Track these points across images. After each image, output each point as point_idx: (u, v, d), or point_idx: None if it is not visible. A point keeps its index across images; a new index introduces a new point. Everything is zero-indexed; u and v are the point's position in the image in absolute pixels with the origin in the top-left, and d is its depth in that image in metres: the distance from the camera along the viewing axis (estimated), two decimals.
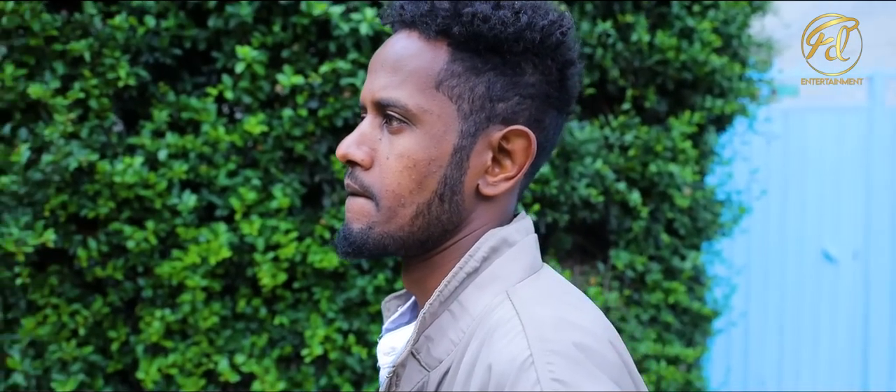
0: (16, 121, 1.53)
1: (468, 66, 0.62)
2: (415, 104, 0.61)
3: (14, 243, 1.43)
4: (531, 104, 0.64)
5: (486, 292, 0.62)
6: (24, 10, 1.46)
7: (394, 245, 0.63)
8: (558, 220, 2.15)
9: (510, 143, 0.64)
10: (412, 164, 0.61)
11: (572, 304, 0.61)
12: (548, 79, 0.64)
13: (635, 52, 2.17)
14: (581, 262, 2.44)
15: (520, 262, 0.63)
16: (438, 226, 0.63)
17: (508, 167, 0.64)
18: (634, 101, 2.27)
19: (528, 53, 0.63)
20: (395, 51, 0.63)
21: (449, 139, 0.62)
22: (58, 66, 1.51)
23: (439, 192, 0.62)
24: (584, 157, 2.06)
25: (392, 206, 0.62)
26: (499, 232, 0.64)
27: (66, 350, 1.55)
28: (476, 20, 0.61)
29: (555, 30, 0.64)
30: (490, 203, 0.65)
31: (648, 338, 2.27)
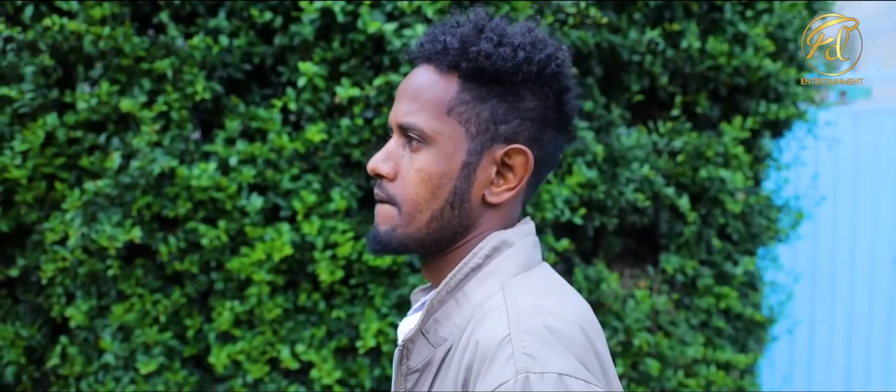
0: (109, 131, 1.73)
1: (475, 95, 0.74)
2: (430, 128, 0.74)
3: (107, 239, 1.62)
4: (530, 126, 0.75)
5: (485, 284, 0.73)
6: (118, 34, 1.65)
7: (413, 244, 0.75)
8: (607, 223, 2.21)
9: (512, 159, 0.75)
10: (428, 177, 0.74)
11: (554, 295, 0.72)
12: (545, 104, 0.76)
13: (685, 59, 2.19)
14: (632, 266, 2.47)
15: (516, 260, 0.75)
16: (450, 228, 0.75)
17: (510, 179, 0.75)
18: (685, 106, 2.29)
19: (527, 83, 0.74)
20: (415, 82, 0.76)
21: (458, 156, 0.74)
22: (145, 82, 1.70)
23: (450, 201, 0.74)
24: (631, 162, 2.11)
25: (411, 212, 0.74)
26: (500, 234, 0.76)
27: (148, 335, 1.74)
28: (480, 57, 0.73)
29: (550, 62, 0.75)
30: (495, 210, 0.76)
31: (697, 342, 2.29)
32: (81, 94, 1.66)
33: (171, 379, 1.77)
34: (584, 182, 2.04)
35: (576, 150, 2.10)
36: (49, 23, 1.61)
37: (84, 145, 1.71)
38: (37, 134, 1.65)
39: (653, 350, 2.24)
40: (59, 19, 1.62)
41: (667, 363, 2.26)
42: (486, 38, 0.73)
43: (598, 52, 2.11)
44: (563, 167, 2.11)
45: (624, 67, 2.16)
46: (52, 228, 1.66)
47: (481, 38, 0.73)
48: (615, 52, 2.11)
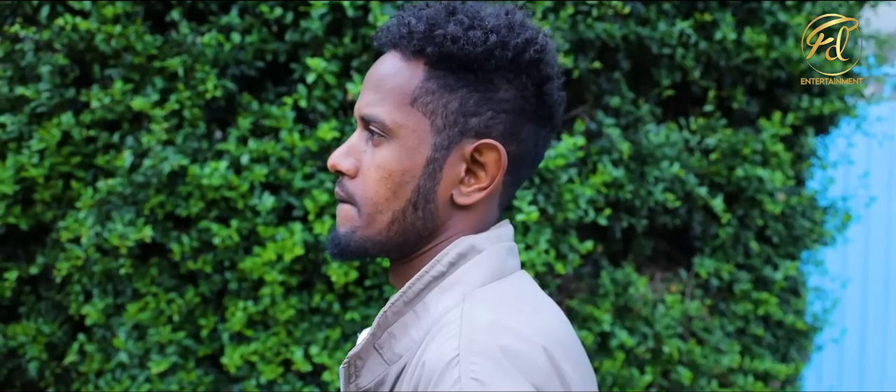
0: (124, 130, 1.73)
1: (442, 84, 0.67)
2: (391, 120, 0.67)
3: (118, 238, 1.62)
4: (506, 118, 0.67)
5: (448, 295, 0.66)
6: (129, 32, 1.65)
7: (374, 248, 0.69)
8: (635, 225, 2.11)
9: (483, 155, 0.67)
10: (388, 174, 0.67)
11: (520, 309, 0.64)
12: (523, 94, 0.68)
13: (720, 51, 2.08)
14: (664, 269, 2.36)
15: (484, 268, 0.67)
16: (414, 231, 0.68)
17: (482, 178, 0.68)
18: (719, 102, 2.17)
19: (501, 70, 0.66)
20: (379, 70, 0.69)
21: (422, 152, 0.67)
22: (157, 80, 1.69)
23: (413, 201, 0.67)
24: (660, 160, 2.00)
25: (371, 213, 0.68)
26: (468, 239, 0.68)
27: (162, 334, 1.73)
28: (447, 41, 0.65)
29: (528, 48, 0.67)
30: (466, 211, 0.69)
31: (733, 350, 2.17)
32: (95, 93, 1.66)
33: (185, 378, 1.76)
34: (609, 181, 1.95)
35: (602, 148, 2.01)
36: (62, 22, 1.62)
37: (99, 144, 1.72)
38: (53, 133, 1.66)
39: (685, 358, 2.13)
40: (72, 18, 1.63)
41: (700, 372, 2.14)
42: (455, 21, 0.66)
43: (625, 46, 2.01)
44: (587, 165, 2.02)
45: (653, 61, 2.06)
46: (67, 227, 1.67)
47: (450, 21, 0.66)
48: (643, 45, 2.01)
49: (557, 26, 1.82)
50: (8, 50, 1.72)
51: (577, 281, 2.20)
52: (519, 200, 1.79)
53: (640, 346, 2.08)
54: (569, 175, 1.91)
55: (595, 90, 2.06)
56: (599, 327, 2.01)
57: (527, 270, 1.88)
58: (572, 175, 1.92)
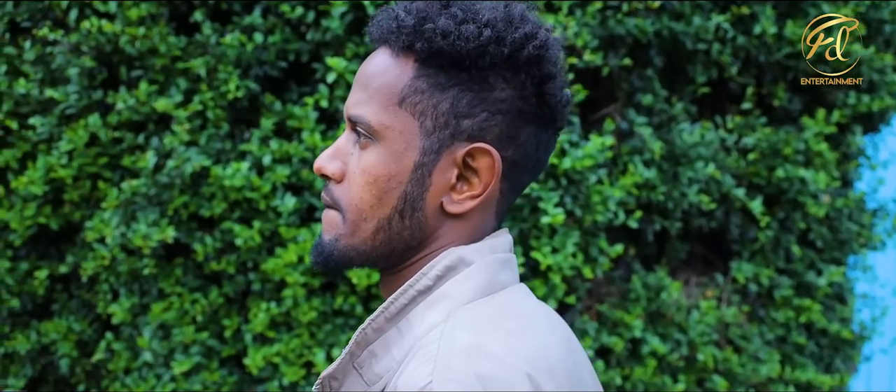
0: (149, 131, 1.75)
1: (432, 83, 0.62)
2: (377, 121, 0.62)
3: (141, 238, 1.63)
4: (502, 120, 0.62)
5: (433, 311, 0.61)
6: (153, 34, 1.66)
7: (359, 258, 0.65)
8: (669, 227, 2.03)
9: (476, 160, 0.63)
10: (373, 179, 0.62)
11: (507, 329, 0.59)
12: (521, 94, 0.63)
13: (759, 46, 1.98)
14: (700, 273, 2.28)
15: (472, 283, 0.62)
16: (400, 241, 0.64)
17: (475, 185, 0.63)
18: (759, 99, 2.07)
19: (497, 68, 0.62)
20: (368, 67, 0.64)
21: (410, 156, 0.62)
22: (181, 82, 1.70)
23: (399, 208, 0.63)
24: (694, 160, 1.92)
25: (355, 220, 0.64)
26: (457, 251, 0.63)
27: (186, 334, 1.74)
28: (437, 36, 0.60)
29: (527, 44, 0.62)
30: (458, 221, 0.64)
31: (773, 359, 2.07)
32: (120, 95, 1.68)
33: (209, 378, 1.77)
34: (640, 182, 1.88)
35: (633, 148, 1.95)
36: (88, 25, 1.64)
37: (125, 145, 1.74)
38: (80, 134, 1.68)
39: (720, 366, 2.04)
40: (98, 21, 1.65)
41: (736, 381, 2.05)
42: (448, 15, 0.61)
43: (658, 42, 1.94)
44: (618, 166, 1.96)
45: (688, 57, 1.98)
46: (93, 227, 1.69)
47: (442, 15, 0.61)
48: (677, 40, 1.93)
49: (585, 22, 1.76)
50: (39, 53, 1.75)
51: (608, 285, 2.13)
52: (544, 202, 1.74)
53: (673, 354, 2.00)
54: (598, 176, 1.85)
55: (626, 88, 1.99)
56: (630, 333, 1.95)
57: (553, 274, 1.84)
58: (602, 176, 1.86)
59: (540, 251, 1.78)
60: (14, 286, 1.84)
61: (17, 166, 1.77)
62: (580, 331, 1.95)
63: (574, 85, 1.79)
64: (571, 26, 1.67)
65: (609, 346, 1.95)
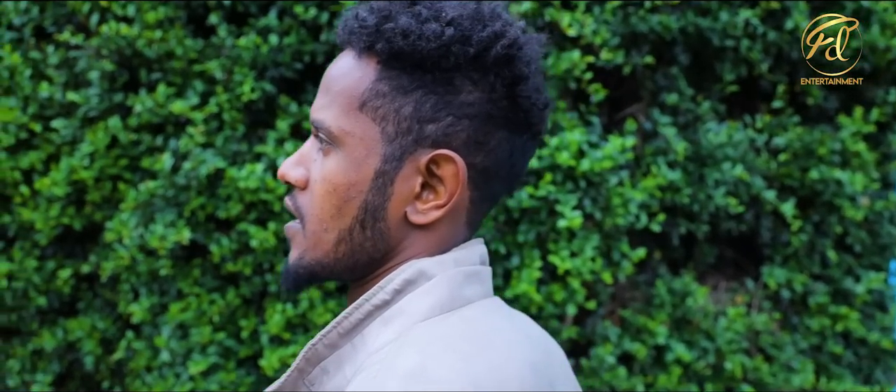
0: (168, 133, 1.77)
1: (395, 86, 0.58)
2: (337, 126, 0.59)
3: (158, 240, 1.65)
4: (469, 125, 0.59)
5: (389, 328, 0.58)
6: (170, 37, 1.67)
7: (323, 271, 0.62)
8: (695, 231, 1.96)
9: (440, 168, 0.59)
10: (332, 188, 0.59)
11: (459, 350, 0.55)
12: (491, 97, 0.59)
13: (792, 41, 1.89)
14: (731, 278, 2.20)
15: (431, 298, 0.58)
16: (363, 253, 0.61)
17: (441, 194, 0.59)
18: (791, 97, 1.98)
19: (462, 70, 0.58)
20: (331, 70, 0.62)
21: (370, 163, 0.59)
22: (197, 84, 1.71)
23: (360, 219, 0.60)
24: (720, 161, 1.85)
25: (316, 231, 0.61)
26: (418, 264, 0.60)
27: (204, 334, 1.75)
28: (397, 36, 0.57)
29: (495, 43, 0.58)
30: (425, 231, 0.61)
31: (807, 369, 1.98)
32: (138, 98, 1.70)
33: (225, 378, 1.78)
34: (664, 184, 1.82)
35: (657, 149, 1.88)
36: (106, 29, 1.66)
37: (144, 147, 1.76)
38: (100, 136, 1.71)
39: (750, 375, 1.96)
40: (116, 25, 1.67)
41: (766, 391, 1.97)
42: (411, 13, 0.58)
43: (683, 38, 1.87)
44: (641, 168, 1.90)
45: (715, 54, 1.91)
46: (112, 228, 1.72)
47: (405, 13, 0.58)
48: (703, 37, 1.86)
49: (604, 19, 1.71)
50: (63, 57, 1.78)
51: (632, 289, 2.07)
52: (562, 205, 1.70)
53: (700, 362, 1.93)
54: (619, 178, 1.80)
55: (651, 87, 1.92)
56: (654, 340, 1.89)
57: (572, 279, 1.79)
58: (623, 178, 1.80)
59: (557, 255, 1.73)
60: (41, 285, 1.89)
61: (41, 168, 1.81)
62: (601, 336, 1.90)
63: (593, 84, 1.74)
64: (589, 24, 1.62)
65: (632, 352, 1.89)
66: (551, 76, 1.70)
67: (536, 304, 1.74)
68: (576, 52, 1.65)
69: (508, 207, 1.75)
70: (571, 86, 1.74)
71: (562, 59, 1.66)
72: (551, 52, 1.69)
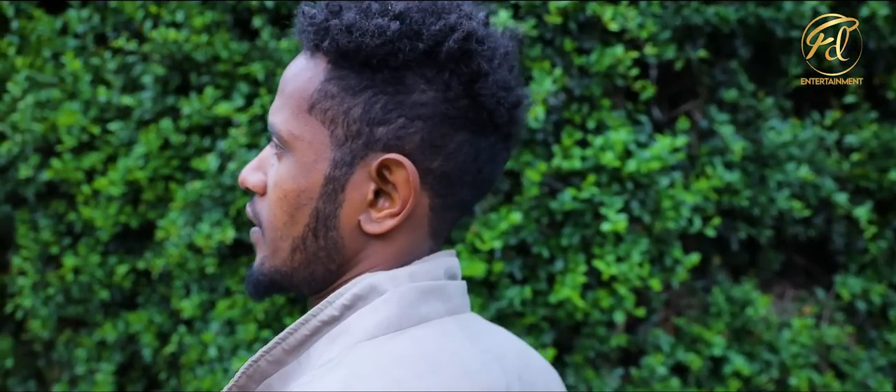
0: (216, 135, 1.81)
1: (343, 86, 0.55)
2: (286, 129, 0.56)
3: (204, 238, 1.69)
4: (423, 127, 0.54)
5: (333, 347, 0.54)
6: (216, 40, 1.71)
7: (283, 280, 0.59)
8: (757, 236, 1.84)
9: (392, 173, 0.55)
10: (283, 194, 0.56)
11: (395, 378, 0.50)
12: (446, 96, 0.54)
13: (868, 31, 1.74)
14: (799, 286, 2.04)
15: (379, 316, 0.54)
16: (318, 263, 0.57)
17: (396, 201, 0.55)
18: (869, 91, 1.82)
19: (413, 67, 0.54)
20: (286, 71, 0.59)
21: (320, 168, 0.55)
22: (242, 86, 1.74)
23: (311, 227, 0.56)
24: (784, 162, 1.72)
25: (273, 239, 0.58)
26: (371, 278, 0.56)
27: (249, 331, 1.79)
28: (341, 33, 0.53)
29: (447, 37, 0.53)
30: (383, 242, 0.57)
31: (885, 388, 1.82)
32: (187, 101, 1.75)
33: None
34: (720, 186, 1.71)
35: (712, 149, 1.77)
36: (157, 34, 1.72)
37: (192, 148, 1.81)
38: (153, 138, 1.78)
39: None
40: (166, 30, 1.73)
41: None
42: (358, 8, 0.54)
43: (743, 30, 1.75)
44: (695, 168, 1.79)
45: (779, 46, 1.77)
46: (163, 226, 1.78)
47: (353, 8, 0.54)
48: (766, 28, 1.73)
49: (651, 12, 1.62)
50: (121, 63, 1.86)
51: (688, 296, 1.96)
52: (606, 207, 1.62)
53: (762, 376, 1.80)
54: (670, 179, 1.70)
55: (708, 83, 1.81)
56: (710, 350, 1.78)
57: (619, 285, 1.71)
58: (675, 179, 1.70)
59: (603, 260, 1.66)
60: (104, 279, 1.98)
61: (101, 168, 1.90)
62: (653, 345, 1.81)
63: (639, 80, 1.65)
64: (633, 17, 1.53)
65: (686, 363, 1.79)
66: (595, 73, 1.63)
67: (581, 311, 1.68)
68: (619, 48, 1.57)
69: (551, 210, 1.69)
70: (618, 83, 1.66)
71: (605, 55, 1.58)
72: (594, 48, 1.62)
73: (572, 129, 1.64)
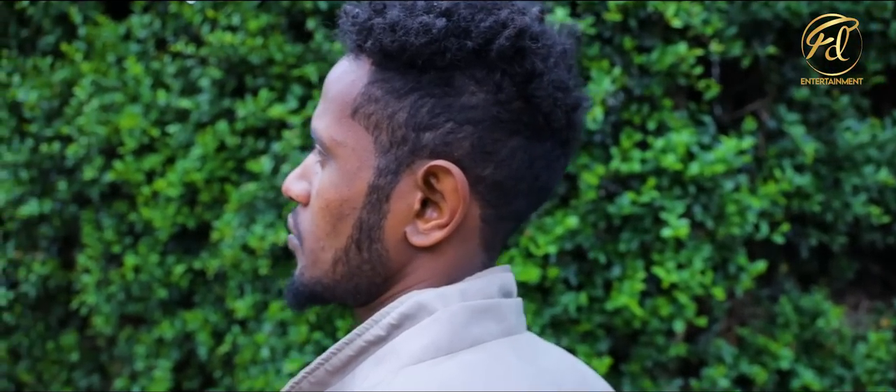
0: (270, 137, 1.83)
1: (388, 89, 0.51)
2: (328, 136, 0.52)
3: (257, 240, 1.71)
4: (473, 132, 0.50)
5: (380, 369, 0.50)
6: (270, 43, 1.72)
7: (325, 292, 0.55)
8: (829, 243, 1.73)
9: (440, 181, 0.51)
10: (325, 203, 0.53)
11: None
12: (498, 98, 0.50)
13: None
14: (875, 296, 1.92)
15: (426, 338, 0.50)
16: (363, 276, 0.54)
17: (444, 211, 0.51)
18: None
19: (463, 67, 0.50)
20: (329, 74, 0.56)
21: (363, 177, 0.52)
22: (296, 88, 1.75)
23: (355, 238, 0.53)
24: (860, 164, 1.62)
25: (313, 249, 0.55)
26: (419, 296, 0.52)
27: (301, 333, 1.80)
28: (384, 31, 0.50)
29: (498, 34, 0.49)
30: (431, 255, 0.53)
31: None
32: (241, 104, 1.77)
33: None
34: (790, 190, 1.62)
35: (781, 150, 1.68)
36: (214, 38, 1.74)
37: (247, 150, 1.83)
38: (209, 140, 1.80)
39: None
40: (222, 34, 1.75)
41: None
42: (403, 5, 0.50)
43: None
44: (763, 171, 1.70)
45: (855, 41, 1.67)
46: (218, 228, 1.81)
47: (397, 5, 0.50)
48: None
49: (717, 8, 1.54)
50: (180, 67, 1.90)
51: (753, 305, 1.87)
52: (666, 212, 1.56)
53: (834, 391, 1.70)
54: (735, 183, 1.62)
55: (777, 81, 1.72)
56: (776, 363, 1.69)
57: (680, 293, 1.64)
58: (740, 183, 1.62)
59: (662, 266, 1.59)
60: (162, 278, 2.02)
61: (160, 170, 1.94)
62: (715, 356, 1.73)
63: (703, 79, 1.58)
64: (697, 13, 1.47)
65: (750, 376, 1.71)
66: (655, 72, 1.56)
67: (639, 319, 1.61)
68: (682, 45, 1.50)
69: (609, 214, 1.63)
70: (680, 82, 1.59)
71: (667, 53, 1.52)
72: (655, 46, 1.56)
73: (632, 130, 1.58)
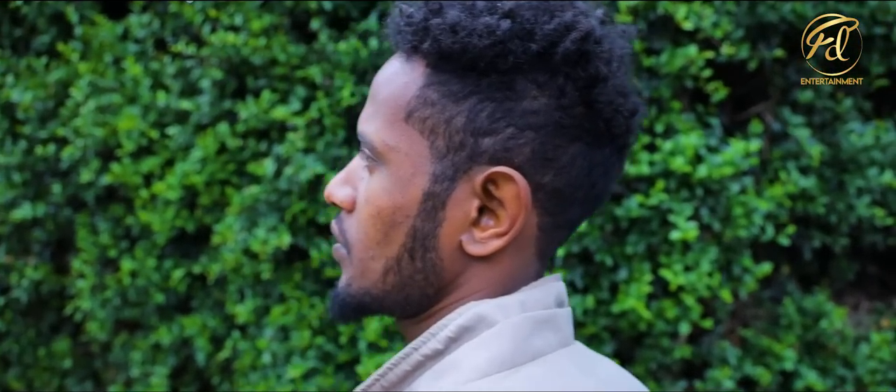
0: (272, 139, 1.80)
1: (445, 92, 0.49)
2: (380, 140, 0.50)
3: (260, 243, 1.68)
4: (534, 137, 0.49)
5: (440, 383, 0.48)
6: (273, 44, 1.70)
7: (373, 303, 0.53)
8: (831, 244, 1.75)
9: (499, 188, 0.49)
10: (376, 211, 0.51)
11: None
12: (560, 103, 0.49)
13: None
14: (874, 297, 1.94)
15: (490, 351, 0.48)
16: (414, 286, 0.52)
17: (502, 219, 0.49)
18: None
19: (525, 71, 0.48)
20: (378, 75, 0.54)
21: (418, 183, 0.50)
22: (299, 89, 1.73)
23: (408, 247, 0.51)
24: (864, 167, 1.63)
25: (362, 259, 0.53)
26: (477, 307, 0.50)
27: (303, 338, 1.77)
28: (444, 33, 0.48)
29: (564, 37, 0.47)
30: (486, 264, 0.51)
31: None
32: (243, 105, 1.74)
33: (324, 383, 1.79)
34: (795, 193, 1.63)
35: (786, 153, 1.69)
36: (215, 38, 1.71)
37: (249, 153, 1.80)
38: (209, 142, 1.77)
39: None
40: (224, 34, 1.72)
41: None
42: (463, 5, 0.49)
43: None
44: (767, 173, 1.71)
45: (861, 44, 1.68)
46: (219, 231, 1.78)
47: (456, 5, 0.49)
48: None
49: (726, 10, 1.54)
50: (180, 67, 1.87)
51: (756, 307, 1.88)
52: (675, 215, 1.56)
53: None
54: (741, 185, 1.62)
55: (781, 83, 1.73)
56: (780, 364, 1.70)
57: (686, 295, 1.64)
58: (747, 185, 1.63)
59: (670, 269, 1.59)
60: (159, 282, 1.99)
61: (159, 172, 1.90)
62: (719, 358, 1.74)
63: (712, 82, 1.58)
64: (708, 16, 1.47)
65: (753, 377, 1.71)
66: (665, 74, 1.56)
67: (645, 321, 1.61)
68: (692, 48, 1.50)
69: (616, 216, 1.63)
70: (688, 84, 1.60)
71: (677, 56, 1.52)
72: (665, 48, 1.56)
73: (640, 132, 1.58)
